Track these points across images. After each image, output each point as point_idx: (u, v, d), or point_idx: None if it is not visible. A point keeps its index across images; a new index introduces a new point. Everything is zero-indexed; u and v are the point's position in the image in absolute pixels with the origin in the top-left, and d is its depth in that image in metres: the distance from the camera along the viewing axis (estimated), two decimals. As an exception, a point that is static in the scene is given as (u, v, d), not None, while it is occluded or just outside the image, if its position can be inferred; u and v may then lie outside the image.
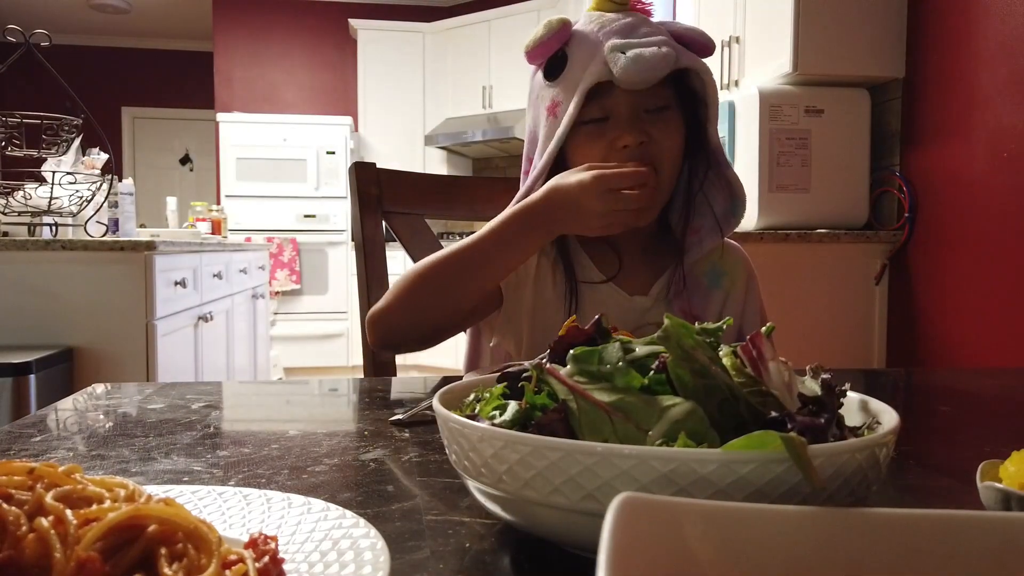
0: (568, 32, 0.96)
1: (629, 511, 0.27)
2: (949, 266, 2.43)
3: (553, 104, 0.96)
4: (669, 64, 0.89)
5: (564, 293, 1.01)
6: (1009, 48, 2.18)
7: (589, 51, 0.93)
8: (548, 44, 0.96)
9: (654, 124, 0.94)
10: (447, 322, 0.96)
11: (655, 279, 1.03)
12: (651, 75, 0.89)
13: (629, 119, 0.93)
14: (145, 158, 8.06)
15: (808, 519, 0.30)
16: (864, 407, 0.48)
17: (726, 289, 1.07)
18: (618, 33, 0.93)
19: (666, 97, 0.95)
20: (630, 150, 0.92)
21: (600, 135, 0.94)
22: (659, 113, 0.95)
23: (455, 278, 0.92)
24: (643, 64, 0.88)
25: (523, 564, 0.43)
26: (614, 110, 0.94)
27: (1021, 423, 0.79)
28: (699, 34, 0.97)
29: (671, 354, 0.43)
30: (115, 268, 2.37)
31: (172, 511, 0.34)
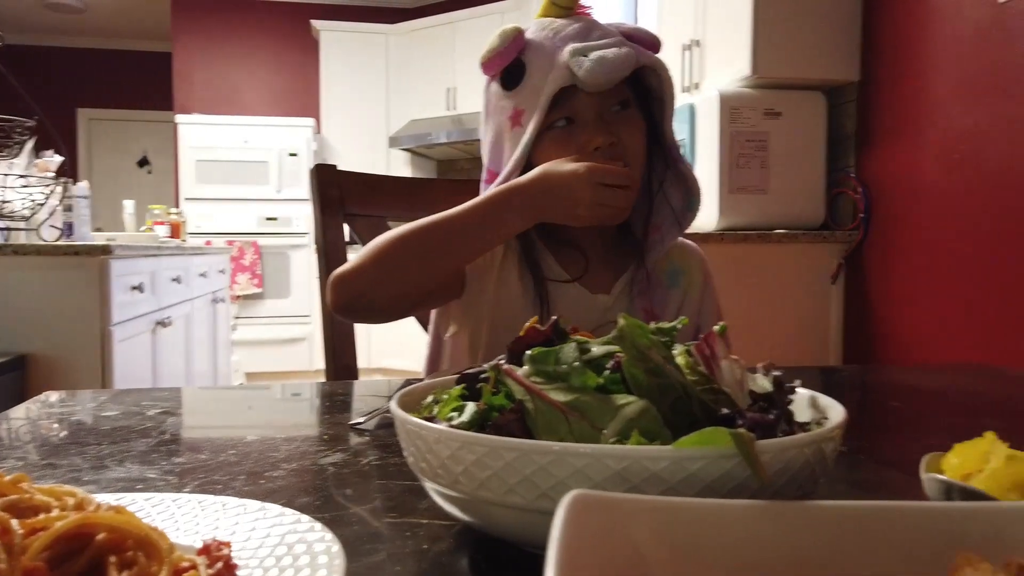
0: (523, 40, 0.97)
1: (579, 508, 0.28)
2: (902, 265, 2.49)
3: (516, 113, 0.97)
4: (631, 63, 0.91)
5: (528, 291, 1.01)
6: (959, 53, 2.24)
7: (547, 58, 0.94)
8: (505, 54, 0.96)
9: (619, 123, 0.96)
10: (415, 291, 0.95)
11: (617, 278, 1.04)
12: (616, 75, 0.91)
13: (596, 120, 0.95)
14: (102, 160, 7.89)
15: (754, 513, 0.31)
16: (814, 403, 0.49)
17: (684, 288, 1.08)
18: (574, 38, 0.94)
19: (626, 94, 0.97)
20: (602, 151, 0.93)
21: (568, 139, 0.95)
22: (622, 111, 0.97)
23: (433, 247, 0.92)
24: (607, 65, 0.90)
25: (481, 564, 0.43)
26: (579, 113, 0.95)
27: (966, 417, 0.82)
28: (646, 33, 1.00)
29: (626, 354, 0.43)
30: (69, 273, 2.31)
31: (122, 519, 0.34)
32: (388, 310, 0.96)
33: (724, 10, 2.80)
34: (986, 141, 2.14)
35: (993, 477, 0.45)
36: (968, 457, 0.48)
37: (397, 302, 0.95)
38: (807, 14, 2.63)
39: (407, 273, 0.92)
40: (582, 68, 0.90)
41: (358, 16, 6.18)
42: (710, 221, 2.73)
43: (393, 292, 0.93)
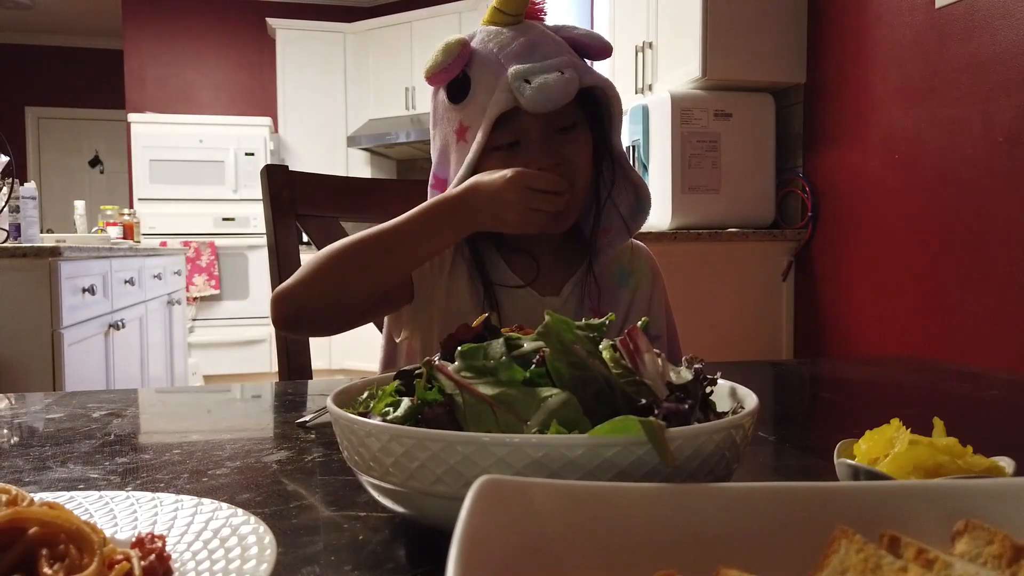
0: (468, 52, 0.96)
1: (487, 493, 0.29)
2: (849, 262, 2.57)
3: (461, 128, 0.97)
4: (574, 89, 0.91)
5: (478, 296, 1.03)
6: (899, 56, 2.31)
7: (492, 75, 0.94)
8: (449, 69, 0.96)
9: (565, 144, 0.96)
10: (358, 303, 0.94)
11: (566, 280, 1.07)
12: (559, 102, 0.90)
13: (541, 142, 0.95)
14: (52, 160, 7.70)
15: (656, 495, 0.33)
16: (733, 393, 0.52)
17: (632, 288, 1.11)
18: (518, 57, 0.94)
19: (573, 115, 0.97)
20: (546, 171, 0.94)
21: (512, 160, 0.95)
22: (569, 132, 0.97)
23: (373, 258, 0.91)
24: (549, 92, 0.90)
25: (414, 554, 0.45)
26: (525, 134, 0.95)
27: (890, 406, 0.86)
28: (596, 39, 1.01)
29: (550, 348, 0.46)
30: (17, 275, 2.27)
31: (54, 514, 0.35)
32: (331, 323, 0.95)
33: (675, 13, 2.85)
34: (924, 142, 2.22)
35: (895, 461, 0.48)
36: (876, 443, 0.51)
37: (340, 315, 0.94)
38: (755, 18, 2.69)
39: (347, 286, 0.91)
40: (524, 95, 0.90)
41: (314, 15, 6.13)
42: (663, 220, 2.78)
43: (335, 305, 0.92)
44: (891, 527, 0.31)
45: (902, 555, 0.29)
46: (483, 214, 0.90)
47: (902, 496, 0.35)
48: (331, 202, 1.37)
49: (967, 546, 0.31)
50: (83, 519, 0.36)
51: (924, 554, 0.28)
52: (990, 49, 2.00)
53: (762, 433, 0.70)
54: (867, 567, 0.28)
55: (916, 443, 0.49)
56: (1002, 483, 0.36)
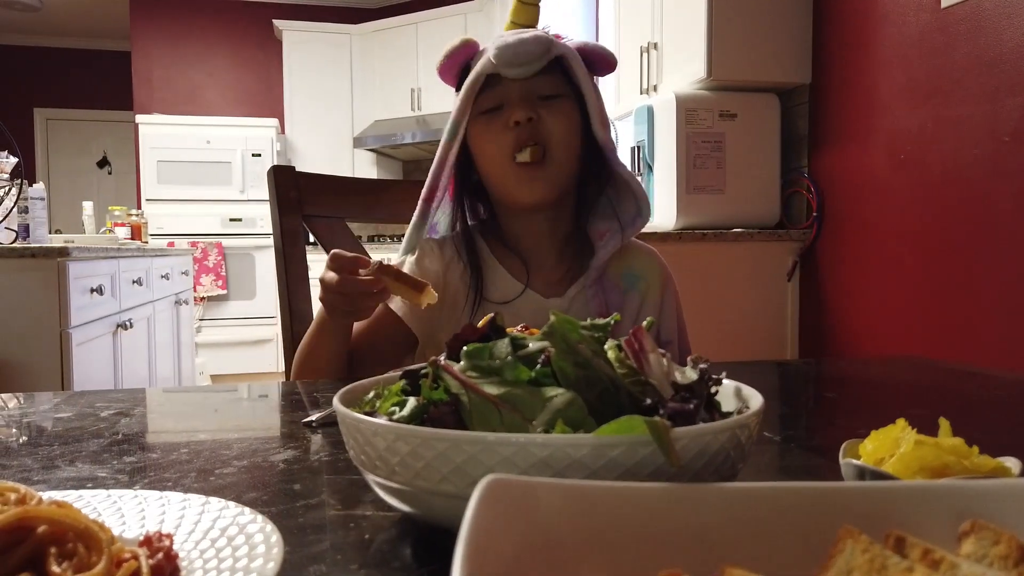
0: (473, 50, 1.04)
1: (493, 492, 0.30)
2: (853, 262, 2.56)
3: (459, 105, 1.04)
4: (540, 46, 0.98)
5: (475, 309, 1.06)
6: (905, 55, 2.31)
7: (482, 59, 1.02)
8: (450, 63, 1.04)
9: (545, 107, 1.01)
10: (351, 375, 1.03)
11: (571, 281, 1.07)
12: (524, 54, 0.98)
13: (520, 99, 1.01)
14: (60, 161, 7.74)
15: (661, 494, 0.33)
16: (738, 393, 0.52)
17: (642, 292, 1.11)
18: (505, 38, 1.02)
19: (558, 86, 1.02)
20: (521, 126, 0.99)
21: (495, 118, 1.02)
22: (551, 100, 1.02)
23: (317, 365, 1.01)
24: (514, 47, 0.98)
25: (420, 553, 0.45)
26: (508, 96, 1.01)
27: (894, 406, 0.86)
28: (601, 49, 1.05)
29: (555, 348, 0.46)
30: (26, 276, 2.28)
31: (62, 512, 0.35)
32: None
33: (680, 14, 2.85)
34: (930, 142, 2.21)
35: (901, 461, 0.48)
36: (882, 443, 0.51)
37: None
38: (760, 18, 2.69)
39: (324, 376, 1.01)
40: (495, 52, 0.99)
41: (321, 16, 6.15)
42: (668, 220, 2.78)
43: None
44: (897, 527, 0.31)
45: (908, 555, 0.29)
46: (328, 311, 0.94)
47: (908, 496, 0.35)
48: (337, 202, 1.38)
49: (973, 547, 0.31)
50: (91, 518, 0.37)
51: (930, 554, 0.28)
52: (996, 49, 1.99)
53: (767, 433, 0.69)
54: (873, 567, 0.28)
55: (922, 443, 0.49)
56: (1009, 483, 0.36)
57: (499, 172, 1.04)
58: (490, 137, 1.03)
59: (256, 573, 0.35)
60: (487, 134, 1.03)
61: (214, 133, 5.58)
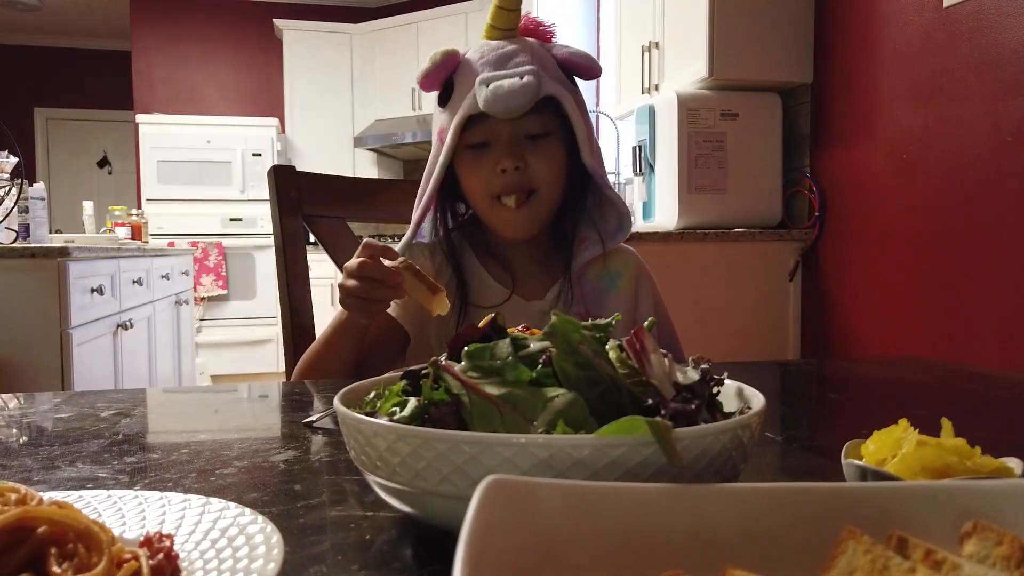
0: (455, 62, 1.03)
1: (494, 493, 0.29)
2: (856, 262, 2.56)
3: (441, 130, 1.04)
4: (530, 93, 0.96)
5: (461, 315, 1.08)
6: (907, 55, 2.31)
7: (468, 81, 1.00)
8: (432, 77, 1.03)
9: (532, 151, 1.01)
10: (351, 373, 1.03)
11: (550, 285, 1.11)
12: (513, 104, 0.96)
13: (508, 144, 1.01)
14: (60, 161, 7.74)
15: (662, 495, 0.33)
16: (740, 393, 0.52)
17: (620, 289, 1.13)
18: (492, 64, 1.00)
19: (545, 125, 1.02)
20: (508, 174, 1.00)
21: (482, 160, 1.02)
22: (538, 140, 1.02)
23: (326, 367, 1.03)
24: (502, 95, 0.95)
25: (421, 554, 0.45)
26: (495, 136, 1.01)
27: (897, 406, 0.85)
28: (583, 57, 1.04)
29: (557, 348, 0.46)
30: (26, 276, 2.28)
31: (63, 513, 0.35)
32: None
33: (682, 13, 2.84)
34: (932, 141, 2.21)
35: (903, 461, 0.48)
36: (884, 444, 0.51)
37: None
38: (762, 17, 2.69)
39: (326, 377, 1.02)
40: (481, 97, 0.97)
41: (321, 15, 6.15)
42: (670, 220, 2.78)
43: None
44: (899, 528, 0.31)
45: (910, 556, 0.29)
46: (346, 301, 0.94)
47: (910, 497, 0.35)
48: (338, 202, 1.38)
49: (976, 547, 0.31)
50: (92, 518, 0.37)
51: (932, 555, 0.28)
52: (998, 48, 1.99)
53: (769, 433, 0.69)
54: (875, 568, 0.28)
55: (924, 444, 0.49)
56: (1011, 484, 0.36)
57: (483, 208, 1.07)
58: (476, 177, 1.04)
59: (256, 574, 0.35)
60: (473, 173, 1.04)
61: (214, 133, 5.58)
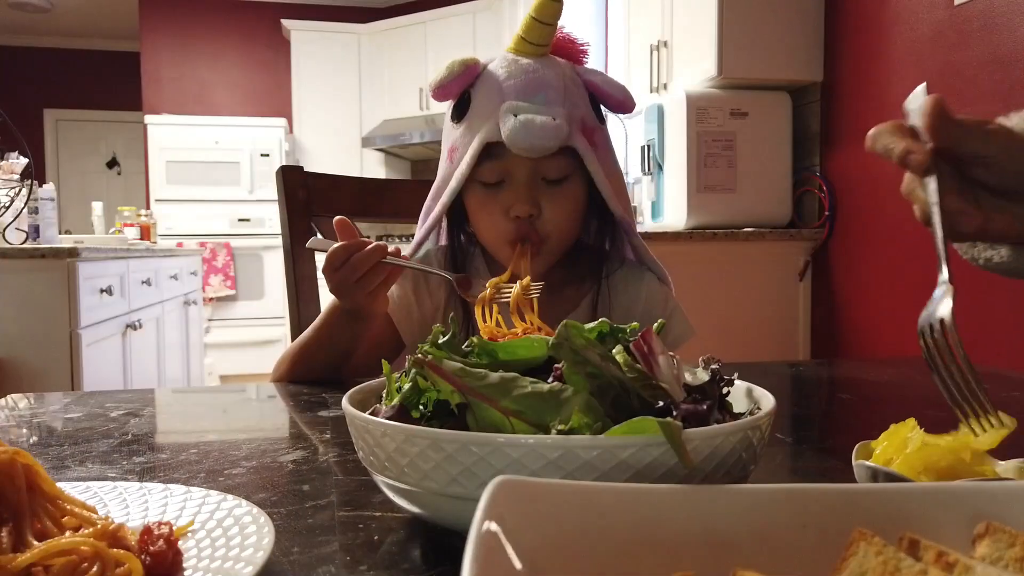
0: (473, 74, 0.95)
1: (503, 493, 0.29)
2: (866, 262, 2.55)
3: (452, 148, 0.97)
4: (557, 138, 0.89)
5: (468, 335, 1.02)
6: (917, 53, 2.29)
7: (490, 103, 0.92)
8: (448, 88, 0.95)
9: (549, 195, 0.94)
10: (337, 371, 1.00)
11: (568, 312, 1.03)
12: (538, 144, 0.88)
13: (524, 186, 0.93)
14: (70, 162, 7.78)
15: (671, 496, 0.33)
16: (750, 394, 0.52)
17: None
18: (520, 91, 0.91)
19: (565, 167, 0.94)
20: (520, 221, 0.93)
21: (495, 199, 0.95)
22: (556, 184, 0.94)
23: (315, 362, 0.99)
24: (531, 132, 0.88)
25: (429, 554, 0.45)
26: (511, 174, 0.94)
27: (908, 407, 0.85)
28: (617, 90, 0.96)
29: (565, 360, 0.45)
30: (36, 276, 2.29)
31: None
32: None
33: (691, 11, 2.84)
34: (944, 140, 2.20)
35: (907, 461, 0.47)
36: (891, 443, 0.51)
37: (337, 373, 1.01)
38: (771, 16, 2.68)
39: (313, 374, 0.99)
40: (507, 126, 0.89)
41: (329, 15, 6.16)
42: (679, 220, 2.77)
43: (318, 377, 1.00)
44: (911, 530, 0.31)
45: (922, 558, 0.29)
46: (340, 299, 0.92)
47: (922, 498, 0.35)
48: (346, 202, 1.38)
49: (988, 549, 0.30)
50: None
51: (944, 557, 0.28)
52: (1009, 46, 1.97)
53: (779, 434, 0.69)
54: (886, 570, 0.28)
55: (927, 444, 0.48)
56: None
57: (491, 246, 1.01)
58: (485, 215, 0.97)
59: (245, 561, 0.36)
60: (483, 210, 0.97)
61: (223, 133, 5.60)
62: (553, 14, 0.92)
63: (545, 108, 0.90)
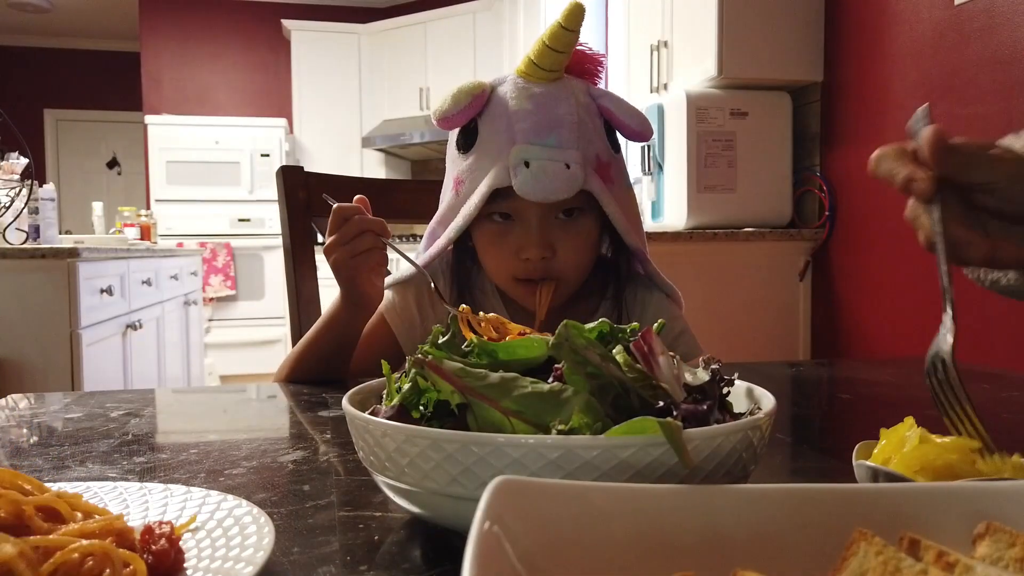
0: (481, 103, 0.90)
1: (503, 494, 0.29)
2: (867, 262, 2.55)
3: (458, 180, 0.93)
4: (572, 188, 0.85)
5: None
6: (918, 53, 2.29)
7: (499, 140, 0.88)
8: (454, 119, 0.91)
9: (562, 232, 0.91)
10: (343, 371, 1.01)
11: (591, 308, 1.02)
12: (552, 193, 0.85)
13: (537, 229, 0.90)
14: (70, 162, 7.78)
15: (672, 495, 0.33)
16: (750, 394, 0.52)
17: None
18: (532, 133, 0.86)
19: (578, 199, 0.89)
20: (532, 263, 0.90)
21: (504, 236, 0.92)
22: (569, 219, 0.91)
23: (321, 361, 0.99)
24: (544, 183, 0.84)
25: (430, 554, 0.45)
26: (521, 212, 0.90)
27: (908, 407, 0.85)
28: (634, 120, 0.92)
29: (565, 360, 0.45)
30: (36, 276, 2.29)
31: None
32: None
33: (691, 11, 2.84)
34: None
35: (903, 460, 0.47)
36: (890, 442, 0.51)
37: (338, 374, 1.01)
38: (772, 15, 2.68)
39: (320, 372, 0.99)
40: (518, 178, 0.85)
41: (329, 16, 6.16)
42: (679, 220, 2.77)
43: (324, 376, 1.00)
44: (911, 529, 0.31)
45: (922, 558, 0.29)
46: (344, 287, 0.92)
47: (922, 498, 0.35)
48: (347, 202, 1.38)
49: (988, 549, 0.30)
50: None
51: (944, 557, 0.28)
52: (1010, 46, 1.97)
53: (779, 434, 0.69)
54: (886, 570, 0.28)
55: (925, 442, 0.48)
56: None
57: (501, 282, 0.98)
58: (495, 252, 0.94)
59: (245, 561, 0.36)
60: (492, 246, 0.94)
61: (223, 133, 5.60)
62: (566, 43, 0.87)
63: (558, 152, 0.86)
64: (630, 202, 0.96)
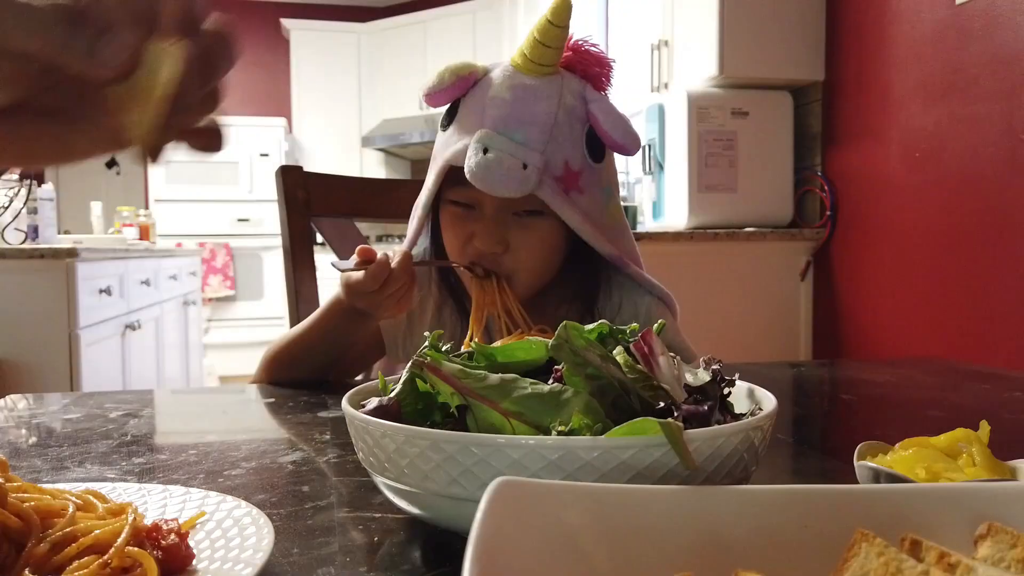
0: (466, 85, 0.89)
1: (504, 495, 0.29)
2: (868, 262, 2.55)
3: (434, 156, 0.94)
4: (522, 187, 0.82)
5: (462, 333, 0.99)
6: (919, 52, 2.29)
7: (469, 123, 0.87)
8: (437, 97, 0.91)
9: (519, 229, 0.89)
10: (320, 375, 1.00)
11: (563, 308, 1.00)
12: (497, 188, 0.83)
13: (491, 220, 0.89)
14: (70, 162, 7.77)
15: (672, 496, 0.33)
16: (751, 395, 0.52)
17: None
18: (499, 122, 0.85)
19: (537, 202, 0.87)
20: (482, 254, 0.90)
21: (462, 223, 0.92)
22: (528, 216, 0.89)
23: (300, 361, 0.98)
24: (493, 175, 0.82)
25: (430, 556, 0.45)
26: (480, 201, 0.90)
27: (910, 408, 0.85)
28: (619, 132, 0.88)
29: (565, 361, 0.45)
30: (35, 276, 2.29)
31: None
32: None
33: (692, 10, 2.83)
34: (945, 140, 2.20)
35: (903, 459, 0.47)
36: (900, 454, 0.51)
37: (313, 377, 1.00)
38: (772, 15, 2.67)
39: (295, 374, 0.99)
40: (471, 161, 0.83)
41: (328, 15, 6.16)
42: (680, 220, 2.77)
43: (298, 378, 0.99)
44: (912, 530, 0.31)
45: (923, 559, 0.29)
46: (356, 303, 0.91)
47: (924, 499, 0.35)
48: (346, 203, 1.38)
49: (990, 550, 0.30)
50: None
51: (946, 558, 0.28)
52: (1012, 45, 1.97)
53: (780, 435, 0.69)
54: (888, 571, 0.27)
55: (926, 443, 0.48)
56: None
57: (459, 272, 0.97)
58: (452, 237, 0.93)
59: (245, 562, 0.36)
60: (449, 231, 0.94)
61: (222, 133, 5.59)
62: (556, 38, 0.85)
63: (519, 149, 0.83)
64: (602, 210, 0.92)
